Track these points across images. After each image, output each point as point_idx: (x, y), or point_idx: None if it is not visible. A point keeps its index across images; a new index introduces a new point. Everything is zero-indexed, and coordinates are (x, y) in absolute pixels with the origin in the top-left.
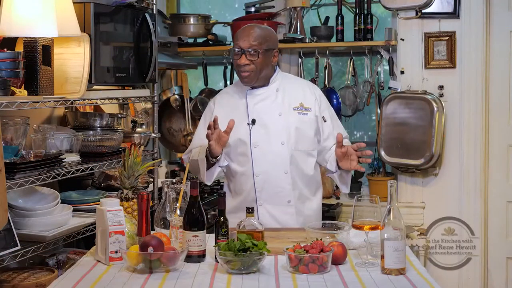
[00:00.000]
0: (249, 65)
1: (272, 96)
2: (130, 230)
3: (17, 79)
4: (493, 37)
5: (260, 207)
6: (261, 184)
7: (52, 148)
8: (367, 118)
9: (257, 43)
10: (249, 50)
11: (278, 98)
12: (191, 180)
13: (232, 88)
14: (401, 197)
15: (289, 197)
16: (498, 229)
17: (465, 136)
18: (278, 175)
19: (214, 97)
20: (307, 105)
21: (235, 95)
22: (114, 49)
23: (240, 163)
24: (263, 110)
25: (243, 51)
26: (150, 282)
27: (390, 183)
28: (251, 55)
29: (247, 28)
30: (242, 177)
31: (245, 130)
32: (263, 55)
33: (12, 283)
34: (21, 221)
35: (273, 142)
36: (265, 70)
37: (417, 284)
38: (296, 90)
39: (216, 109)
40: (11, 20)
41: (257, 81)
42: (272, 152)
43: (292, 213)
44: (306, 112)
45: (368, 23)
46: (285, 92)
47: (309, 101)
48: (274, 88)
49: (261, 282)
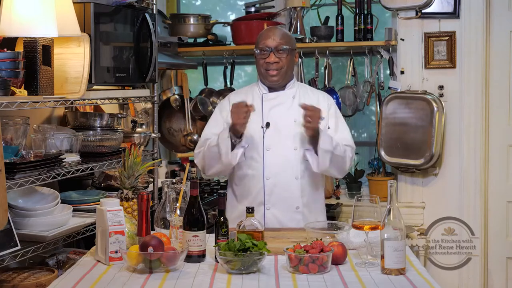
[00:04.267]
0: (278, 63)
1: (288, 102)
2: (130, 230)
3: (17, 79)
4: (493, 37)
5: (268, 211)
6: (270, 187)
7: (52, 148)
8: (367, 118)
9: (284, 41)
10: (277, 48)
11: (293, 105)
12: (191, 180)
13: (247, 89)
14: (401, 197)
15: (298, 203)
16: (498, 229)
17: (465, 136)
18: (288, 179)
19: (228, 95)
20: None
21: (249, 97)
22: (114, 49)
23: (250, 166)
24: (278, 115)
25: (271, 49)
26: (150, 282)
27: (390, 183)
28: (280, 53)
29: (272, 29)
30: (251, 180)
31: (258, 134)
32: (290, 54)
33: (12, 283)
34: (21, 221)
35: (286, 146)
36: (290, 70)
37: (417, 284)
38: (311, 98)
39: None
40: (11, 20)
41: (283, 81)
42: (284, 157)
43: (299, 220)
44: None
45: (368, 23)
46: (301, 100)
47: (323, 110)
48: (291, 94)
49: (261, 282)
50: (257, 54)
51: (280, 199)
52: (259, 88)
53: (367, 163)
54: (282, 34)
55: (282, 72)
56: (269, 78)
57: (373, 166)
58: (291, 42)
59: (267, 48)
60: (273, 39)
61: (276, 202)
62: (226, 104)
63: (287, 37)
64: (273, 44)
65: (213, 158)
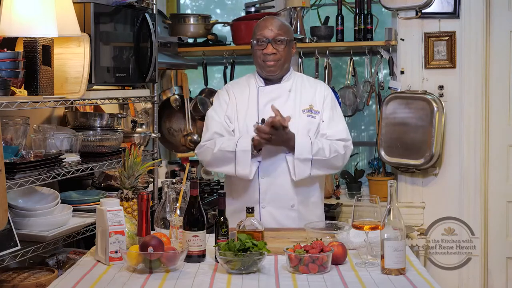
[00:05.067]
0: (275, 54)
1: (284, 96)
2: (130, 230)
3: (17, 79)
4: (493, 37)
5: (263, 209)
6: (265, 186)
7: (52, 148)
8: (367, 118)
9: (283, 32)
10: (275, 39)
11: (289, 100)
12: (191, 180)
13: (244, 80)
14: (401, 197)
15: (293, 201)
16: (498, 229)
17: (465, 136)
18: (283, 178)
19: (226, 86)
20: (316, 107)
21: (246, 89)
22: (114, 49)
23: None
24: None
25: (268, 40)
26: (150, 282)
27: (390, 183)
28: (277, 44)
29: (269, 19)
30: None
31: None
32: (288, 45)
33: (12, 283)
34: (21, 221)
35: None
36: (287, 61)
37: (417, 284)
38: (307, 91)
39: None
40: (11, 20)
41: (280, 72)
42: (279, 155)
43: (295, 218)
44: (314, 115)
45: (368, 23)
46: (297, 93)
47: (318, 103)
48: (287, 88)
49: (261, 282)
50: (254, 45)
51: (275, 198)
52: (255, 80)
53: (367, 163)
54: (279, 24)
55: (280, 64)
56: (267, 69)
57: (373, 166)
58: (289, 33)
59: (264, 39)
60: (270, 30)
61: (271, 200)
62: (225, 92)
63: (285, 28)
64: (270, 35)
65: (225, 162)
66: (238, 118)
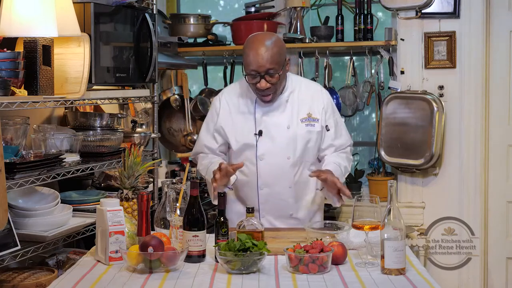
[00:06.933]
0: (269, 88)
1: (281, 107)
2: (130, 230)
3: (17, 79)
4: (493, 37)
5: (263, 218)
6: (265, 197)
7: (52, 148)
8: (367, 118)
9: (275, 62)
10: (268, 72)
11: (287, 110)
12: (191, 180)
13: (239, 88)
14: (401, 197)
15: (292, 210)
16: (498, 229)
17: (465, 136)
18: (282, 188)
19: (221, 93)
20: (315, 115)
21: (242, 99)
22: (114, 49)
23: (244, 173)
24: (271, 121)
25: (261, 75)
26: (150, 282)
27: (390, 183)
28: (271, 77)
29: (258, 50)
30: (245, 188)
31: (251, 140)
32: (282, 69)
33: (12, 283)
34: (21, 221)
35: (279, 155)
36: (283, 82)
37: (417, 284)
38: (305, 98)
39: (222, 113)
40: (11, 20)
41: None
42: (277, 166)
43: (294, 225)
44: (313, 123)
45: (368, 23)
46: (294, 102)
47: (317, 110)
48: (284, 98)
49: (261, 282)
50: (246, 77)
51: (274, 207)
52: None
53: (367, 163)
54: (269, 56)
55: (276, 90)
56: (263, 99)
57: (373, 166)
58: (280, 60)
59: (256, 74)
60: (261, 65)
61: (270, 210)
62: (217, 105)
63: (275, 57)
64: (262, 70)
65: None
66: (234, 129)
